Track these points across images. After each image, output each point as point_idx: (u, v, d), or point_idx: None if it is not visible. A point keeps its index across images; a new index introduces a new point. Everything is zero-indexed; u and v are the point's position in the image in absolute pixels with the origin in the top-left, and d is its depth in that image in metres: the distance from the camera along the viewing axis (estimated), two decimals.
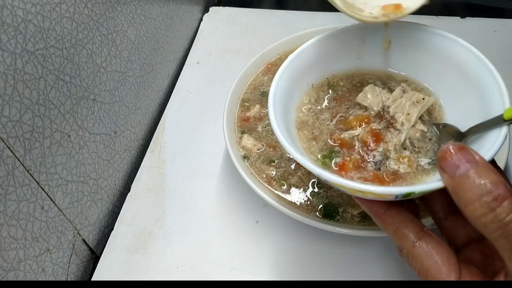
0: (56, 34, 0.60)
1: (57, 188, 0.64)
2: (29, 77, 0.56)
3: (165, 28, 0.95)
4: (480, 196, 0.40)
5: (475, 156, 0.42)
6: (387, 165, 0.57)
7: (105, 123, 0.74)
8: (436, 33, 0.60)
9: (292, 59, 0.61)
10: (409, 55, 0.63)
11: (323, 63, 0.64)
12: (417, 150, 0.58)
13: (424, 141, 0.59)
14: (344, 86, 0.66)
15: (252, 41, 1.06)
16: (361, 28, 0.63)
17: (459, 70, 0.58)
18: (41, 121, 0.59)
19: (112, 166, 0.78)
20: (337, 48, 0.64)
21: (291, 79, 0.61)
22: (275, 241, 0.71)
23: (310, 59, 0.63)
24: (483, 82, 0.55)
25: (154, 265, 0.71)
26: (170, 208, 0.77)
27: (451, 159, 0.42)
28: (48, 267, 0.63)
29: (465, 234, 0.50)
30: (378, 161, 0.57)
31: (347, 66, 0.66)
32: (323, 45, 0.63)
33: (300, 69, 0.62)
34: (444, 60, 0.60)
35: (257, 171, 0.71)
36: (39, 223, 0.60)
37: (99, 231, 0.76)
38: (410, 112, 0.59)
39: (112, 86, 0.76)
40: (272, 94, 0.56)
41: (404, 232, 0.48)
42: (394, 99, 0.61)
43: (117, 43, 0.76)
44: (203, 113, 0.91)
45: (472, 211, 0.40)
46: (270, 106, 0.55)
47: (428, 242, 0.46)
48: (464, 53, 0.58)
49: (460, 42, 0.58)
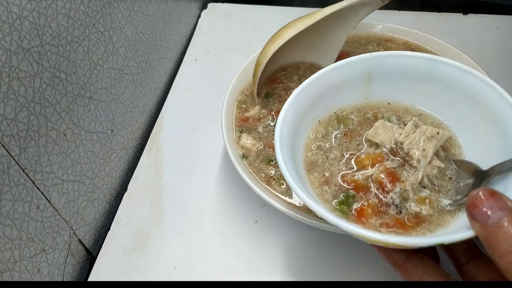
0: (51, 31, 0.60)
1: (53, 187, 0.64)
2: (24, 74, 0.56)
3: (163, 25, 0.95)
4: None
5: (508, 202, 0.40)
6: (407, 207, 0.54)
7: (102, 121, 0.74)
8: (450, 64, 0.58)
9: (296, 96, 0.59)
10: (421, 87, 0.62)
11: (329, 97, 0.63)
12: (437, 189, 0.56)
13: (443, 179, 0.57)
14: (355, 119, 0.64)
15: (251, 38, 1.06)
16: (365, 60, 0.62)
17: (475, 103, 0.57)
18: (36, 120, 0.59)
19: (109, 165, 0.78)
20: (342, 81, 0.63)
21: (296, 116, 0.59)
22: (274, 241, 0.72)
23: (315, 94, 0.61)
24: (503, 117, 0.53)
25: (151, 266, 0.71)
26: (168, 208, 0.77)
27: (482, 206, 0.40)
28: (44, 268, 0.63)
29: (489, 279, 0.47)
30: (397, 204, 0.55)
31: (355, 99, 0.65)
32: (327, 79, 0.62)
33: (305, 105, 0.61)
34: (459, 93, 0.58)
35: (256, 171, 0.71)
36: (35, 223, 0.60)
37: (96, 231, 0.76)
38: (426, 148, 0.57)
39: (109, 83, 0.76)
40: (279, 133, 0.55)
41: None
42: (407, 134, 0.59)
43: (114, 40, 0.76)
44: (201, 111, 0.91)
45: (508, 264, 0.38)
46: (277, 146, 0.53)
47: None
48: (481, 86, 0.55)
49: (475, 74, 0.56)
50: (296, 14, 1.09)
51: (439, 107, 0.62)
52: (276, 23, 1.08)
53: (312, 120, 0.63)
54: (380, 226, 0.53)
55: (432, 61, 0.59)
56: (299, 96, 0.60)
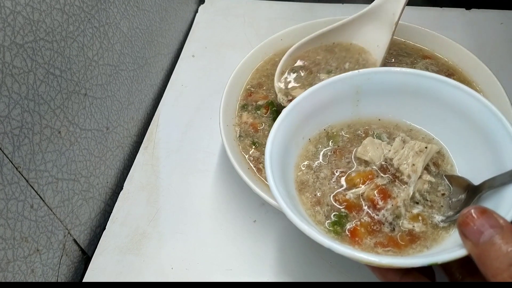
0: (46, 26, 0.60)
1: (47, 186, 0.64)
2: (18, 71, 0.56)
3: (159, 20, 0.95)
4: (509, 265, 0.38)
5: (499, 220, 0.40)
6: (400, 225, 0.55)
7: (97, 118, 0.74)
8: (437, 79, 0.59)
9: (286, 115, 0.60)
10: (411, 102, 0.63)
11: (318, 115, 0.64)
12: (430, 204, 0.56)
13: (436, 195, 0.57)
14: (345, 135, 0.65)
15: (250, 33, 1.06)
16: (354, 77, 0.63)
17: (464, 117, 0.57)
18: (30, 117, 0.59)
19: (104, 163, 0.78)
20: (331, 98, 0.64)
21: (287, 135, 0.60)
22: (273, 241, 0.72)
23: (304, 112, 0.62)
24: (493, 132, 0.54)
25: (148, 266, 0.71)
26: (164, 207, 0.77)
27: (473, 225, 0.41)
28: (38, 268, 0.63)
29: None
30: (390, 221, 0.55)
31: (345, 116, 0.66)
32: (316, 97, 0.62)
33: (295, 123, 0.61)
34: (447, 107, 0.59)
35: (253, 161, 0.72)
36: (29, 223, 0.60)
37: (91, 231, 0.76)
38: (415, 162, 0.58)
39: (104, 80, 0.76)
40: (269, 154, 0.55)
41: None
42: (396, 150, 0.60)
43: (109, 35, 0.76)
44: (198, 108, 0.91)
45: (502, 282, 0.38)
46: (267, 167, 0.54)
47: None
48: (468, 100, 0.57)
49: (463, 89, 0.57)
50: (295, 9, 1.10)
51: (429, 122, 0.63)
52: (275, 18, 1.08)
53: (302, 139, 0.64)
54: (375, 246, 0.54)
55: (420, 76, 0.60)
56: (289, 115, 0.60)
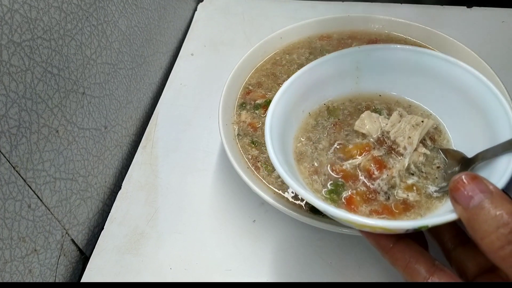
0: (43, 24, 0.60)
1: (45, 185, 0.64)
2: (15, 69, 0.56)
3: (158, 18, 0.95)
4: (497, 228, 0.39)
5: (489, 186, 0.42)
6: (395, 194, 0.57)
7: (95, 117, 0.74)
8: (435, 56, 0.61)
9: (286, 89, 0.62)
10: (410, 79, 0.64)
11: (319, 91, 0.66)
12: (425, 175, 0.58)
13: (431, 167, 0.59)
14: (345, 109, 0.67)
15: (249, 31, 1.06)
16: (354, 53, 0.65)
17: (461, 93, 0.59)
18: (28, 116, 0.59)
19: (102, 162, 0.78)
20: (331, 74, 0.65)
21: (286, 108, 0.61)
22: (272, 241, 0.72)
23: (304, 87, 0.64)
24: (488, 106, 0.55)
25: (146, 266, 0.71)
26: (163, 207, 0.77)
27: (464, 190, 0.42)
28: (36, 268, 0.63)
29: (476, 265, 0.49)
30: (385, 191, 0.57)
31: (346, 92, 0.68)
32: (316, 72, 0.64)
33: (295, 98, 0.63)
34: (445, 83, 0.61)
35: (252, 160, 0.72)
36: (26, 222, 0.60)
37: (89, 231, 0.76)
38: (411, 135, 0.60)
39: (102, 79, 0.76)
40: (269, 125, 0.57)
41: (415, 268, 0.47)
42: (393, 124, 0.62)
43: (108, 34, 0.76)
44: (197, 107, 0.91)
45: (489, 244, 0.40)
46: (267, 137, 0.56)
47: (441, 277, 0.46)
48: (466, 75, 0.58)
49: (461, 65, 0.59)
50: (295, 7, 1.09)
51: (427, 98, 0.65)
52: (274, 16, 1.08)
53: (302, 112, 0.66)
54: (370, 213, 0.56)
55: (418, 53, 0.62)
56: (289, 89, 0.62)
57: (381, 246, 0.50)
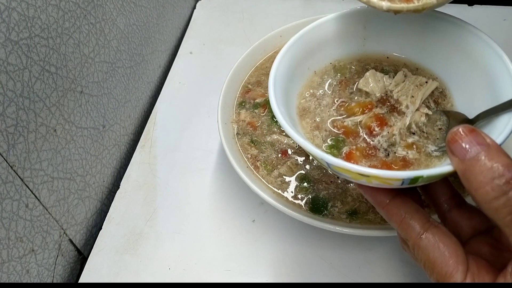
0: (41, 22, 0.60)
1: (42, 185, 0.64)
2: (12, 68, 0.56)
3: (156, 16, 0.95)
4: (492, 179, 0.40)
5: (486, 138, 0.42)
6: (395, 151, 0.58)
7: (93, 116, 0.74)
8: (442, 18, 0.61)
9: (291, 45, 0.61)
10: (417, 41, 0.64)
11: (325, 49, 0.65)
12: (426, 135, 0.59)
13: (433, 128, 0.59)
14: (353, 68, 0.67)
15: (249, 30, 1.06)
16: (362, 13, 0.64)
17: (467, 55, 0.59)
18: (25, 115, 0.59)
19: (101, 162, 0.78)
20: (338, 33, 0.65)
21: (291, 64, 0.61)
22: (272, 241, 0.72)
23: (310, 44, 0.63)
24: (492, 67, 0.55)
25: (145, 267, 0.71)
26: (162, 207, 0.77)
27: (461, 141, 0.43)
28: (33, 269, 0.63)
29: (471, 226, 0.50)
30: (385, 148, 0.58)
31: (352, 52, 0.68)
32: (323, 30, 0.64)
33: (300, 54, 0.63)
34: (451, 45, 0.61)
35: (251, 159, 0.72)
36: (24, 222, 0.60)
37: (87, 231, 0.76)
38: (415, 95, 0.61)
39: (101, 77, 0.76)
40: (273, 79, 0.57)
41: (410, 223, 0.48)
42: (397, 83, 0.63)
43: (106, 32, 0.76)
44: (196, 106, 0.91)
45: (483, 194, 0.41)
46: (270, 90, 0.56)
47: (435, 233, 0.47)
48: (472, 38, 0.58)
49: (467, 27, 0.59)
50: (295, 5, 1.09)
51: (434, 61, 0.64)
52: (274, 14, 1.08)
53: (308, 69, 0.66)
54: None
55: (426, 15, 0.61)
56: (294, 45, 0.62)
57: (378, 202, 0.51)
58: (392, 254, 0.69)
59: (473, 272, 0.45)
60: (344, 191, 0.68)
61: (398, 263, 0.68)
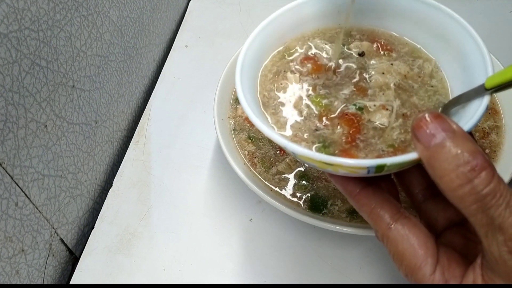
0: (31, 15, 0.60)
1: (33, 183, 0.64)
2: (1, 61, 0.56)
3: (151, 8, 0.95)
4: (457, 166, 0.40)
5: (452, 125, 0.42)
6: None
7: (85, 112, 0.74)
8: (420, 1, 0.60)
9: (261, 29, 0.61)
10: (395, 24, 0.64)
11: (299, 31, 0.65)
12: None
13: None
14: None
15: (246, 22, 1.06)
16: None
17: (442, 39, 0.59)
18: (15, 110, 0.59)
19: (93, 159, 0.78)
20: (312, 16, 0.64)
21: (261, 51, 0.61)
22: (270, 241, 0.72)
23: (282, 28, 0.63)
24: (466, 51, 0.55)
25: (138, 267, 0.71)
26: (156, 205, 0.77)
27: (426, 128, 0.43)
28: (23, 269, 0.63)
29: (445, 217, 0.51)
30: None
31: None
32: (296, 13, 0.64)
33: (272, 39, 0.62)
34: (427, 28, 0.61)
35: (249, 156, 0.72)
36: (13, 221, 0.60)
37: (79, 230, 0.76)
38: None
39: (93, 71, 0.75)
40: (240, 67, 0.56)
41: (379, 214, 0.48)
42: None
43: (98, 24, 0.76)
44: (192, 101, 0.91)
45: (448, 182, 0.40)
46: (237, 78, 0.54)
47: (404, 224, 0.47)
48: (447, 20, 0.58)
49: (443, 9, 0.58)
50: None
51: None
52: (272, 6, 1.07)
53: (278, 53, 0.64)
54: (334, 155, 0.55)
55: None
56: (264, 30, 0.61)
57: (348, 191, 0.51)
58: None
59: (443, 265, 0.45)
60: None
61: None
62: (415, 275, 0.46)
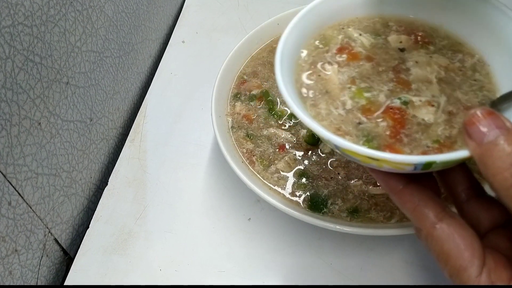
0: (25, 9, 0.60)
1: (26, 181, 0.63)
2: None
3: (147, 3, 0.95)
4: (511, 165, 0.39)
5: (506, 122, 0.42)
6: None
7: (80, 109, 0.74)
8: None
9: (299, 19, 0.59)
10: (438, 16, 0.63)
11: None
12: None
13: None
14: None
15: (244, 17, 1.06)
16: None
17: (490, 32, 0.58)
18: (8, 107, 0.58)
19: (88, 157, 0.78)
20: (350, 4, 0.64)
21: (299, 40, 0.60)
22: (269, 241, 0.72)
23: (321, 18, 0.62)
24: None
25: (134, 267, 0.71)
26: (152, 204, 0.77)
27: (479, 124, 0.42)
28: (16, 270, 0.63)
29: (489, 218, 0.50)
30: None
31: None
32: (335, 3, 0.62)
33: (310, 28, 0.61)
34: (475, 24, 0.60)
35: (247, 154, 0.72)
36: (6, 221, 0.60)
37: (73, 230, 0.76)
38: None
39: (88, 68, 0.75)
40: (279, 57, 0.55)
41: (423, 212, 0.47)
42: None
43: (93, 20, 0.76)
44: (188, 98, 0.91)
45: (501, 181, 0.40)
46: (277, 68, 0.54)
47: (450, 224, 0.46)
48: (494, 12, 0.57)
49: (491, 2, 0.57)
50: None
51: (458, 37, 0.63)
52: (271, 1, 1.08)
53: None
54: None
55: None
56: (303, 18, 0.60)
57: (390, 187, 0.50)
58: (395, 254, 0.69)
59: (490, 268, 0.44)
60: (345, 188, 0.68)
61: (401, 264, 0.68)
62: (460, 276, 0.45)
